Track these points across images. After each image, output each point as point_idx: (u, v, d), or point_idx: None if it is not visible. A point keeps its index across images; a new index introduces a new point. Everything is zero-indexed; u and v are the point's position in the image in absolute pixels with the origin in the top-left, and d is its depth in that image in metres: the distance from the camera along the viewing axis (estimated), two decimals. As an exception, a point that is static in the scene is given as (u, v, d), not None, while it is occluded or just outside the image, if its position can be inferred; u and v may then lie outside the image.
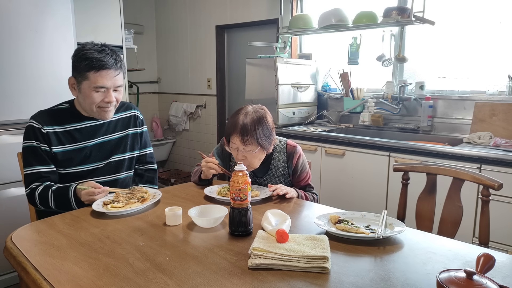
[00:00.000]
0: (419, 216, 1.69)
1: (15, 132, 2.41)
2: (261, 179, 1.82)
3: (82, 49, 1.62)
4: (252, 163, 1.67)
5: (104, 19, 3.17)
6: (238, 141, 1.61)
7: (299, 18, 3.26)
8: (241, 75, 3.86)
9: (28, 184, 1.62)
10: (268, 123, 1.65)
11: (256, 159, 1.67)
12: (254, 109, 1.66)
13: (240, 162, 1.32)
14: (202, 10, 4.32)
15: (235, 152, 1.66)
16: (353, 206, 2.59)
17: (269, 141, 1.66)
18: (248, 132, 1.58)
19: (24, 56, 2.42)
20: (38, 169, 1.62)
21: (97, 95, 1.61)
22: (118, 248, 1.18)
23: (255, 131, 1.59)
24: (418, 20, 2.69)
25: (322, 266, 1.03)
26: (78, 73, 1.61)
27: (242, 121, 1.60)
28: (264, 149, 1.66)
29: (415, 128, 2.88)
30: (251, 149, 1.62)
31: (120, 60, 1.66)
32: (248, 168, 1.66)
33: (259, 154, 1.66)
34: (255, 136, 1.59)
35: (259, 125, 1.61)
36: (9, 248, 1.21)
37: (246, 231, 1.28)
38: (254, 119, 1.61)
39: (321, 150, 2.80)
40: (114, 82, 1.63)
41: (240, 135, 1.59)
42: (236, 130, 1.60)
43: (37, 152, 1.62)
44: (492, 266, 0.91)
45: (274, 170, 1.80)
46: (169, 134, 5.01)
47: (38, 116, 1.66)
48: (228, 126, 1.67)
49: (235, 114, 1.66)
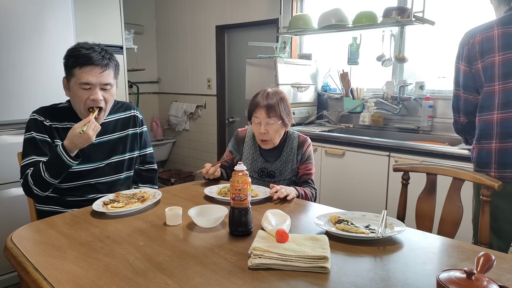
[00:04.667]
0: (419, 216, 1.69)
1: (15, 132, 2.41)
2: (272, 164, 1.88)
3: (72, 48, 1.62)
4: (273, 138, 1.80)
5: (104, 19, 3.17)
6: (263, 113, 1.76)
7: (299, 18, 3.26)
8: (241, 75, 3.86)
9: (23, 174, 1.58)
10: (287, 102, 1.85)
11: (277, 133, 1.81)
12: (274, 90, 1.85)
13: (262, 138, 1.68)
14: (202, 10, 4.33)
15: (258, 126, 1.79)
16: (353, 206, 2.59)
17: (289, 118, 1.83)
18: (272, 106, 1.77)
19: (24, 56, 2.42)
20: (34, 158, 1.59)
21: (83, 93, 1.58)
22: (118, 248, 1.18)
23: (278, 105, 1.78)
24: (418, 20, 2.69)
25: (322, 266, 1.03)
26: (67, 71, 1.60)
27: (266, 98, 1.79)
28: (284, 124, 1.81)
29: (415, 128, 2.88)
30: (273, 121, 1.77)
31: (109, 57, 1.62)
32: (269, 144, 1.83)
33: (279, 129, 1.81)
34: (278, 110, 1.77)
35: (281, 102, 1.80)
36: (9, 248, 1.21)
37: (246, 231, 1.28)
38: (277, 97, 1.81)
39: (321, 150, 2.80)
40: (100, 79, 1.58)
41: (265, 108, 1.76)
42: (260, 105, 1.78)
43: (36, 144, 1.60)
44: (492, 266, 0.91)
45: (286, 156, 1.87)
46: (169, 134, 5.01)
47: (40, 111, 1.66)
48: (251, 105, 1.83)
49: (257, 95, 1.84)
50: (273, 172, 1.86)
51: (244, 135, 1.96)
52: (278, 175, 1.86)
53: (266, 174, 1.86)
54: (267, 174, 1.86)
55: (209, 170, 1.82)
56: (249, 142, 1.92)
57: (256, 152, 1.90)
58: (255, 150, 1.90)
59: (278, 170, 1.86)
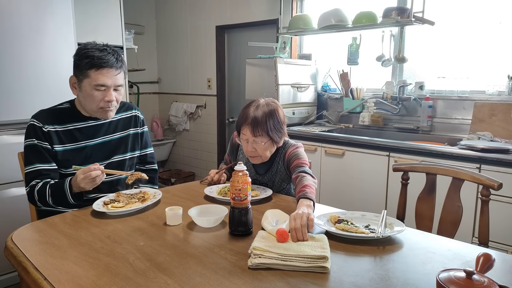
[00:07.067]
0: (418, 216, 1.69)
1: (16, 132, 2.41)
2: (263, 176, 1.81)
3: (84, 48, 1.62)
4: (262, 155, 1.68)
5: (104, 20, 3.17)
6: (249, 132, 1.62)
7: (299, 18, 3.27)
8: (241, 75, 3.87)
9: (28, 182, 1.61)
10: (279, 117, 1.67)
11: (266, 151, 1.68)
12: (266, 102, 1.68)
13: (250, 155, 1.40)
14: (202, 11, 4.33)
15: (245, 143, 1.67)
16: (353, 206, 2.59)
17: (280, 134, 1.67)
18: (258, 124, 1.60)
19: (25, 56, 2.42)
20: (38, 167, 1.61)
21: (97, 94, 1.61)
22: (119, 247, 1.18)
23: (266, 123, 1.61)
24: (417, 21, 2.69)
25: (322, 266, 1.03)
26: (79, 71, 1.61)
27: (253, 113, 1.62)
28: (274, 142, 1.67)
29: (414, 128, 2.88)
30: (261, 141, 1.63)
31: (121, 59, 1.66)
32: (259, 159, 1.70)
33: (269, 147, 1.67)
34: (266, 128, 1.61)
35: (270, 117, 1.63)
36: (9, 248, 1.21)
37: (246, 231, 1.28)
38: (266, 112, 1.63)
39: (321, 150, 2.80)
40: (114, 81, 1.63)
41: (251, 126, 1.61)
42: (246, 122, 1.62)
43: (37, 150, 1.62)
44: (491, 266, 0.91)
45: (275, 169, 1.79)
46: (169, 134, 5.01)
47: (39, 115, 1.66)
48: (239, 118, 1.68)
49: (247, 106, 1.68)
50: (265, 184, 1.80)
51: (238, 142, 1.80)
52: (271, 186, 1.78)
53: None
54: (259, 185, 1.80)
55: (213, 178, 1.83)
56: (243, 151, 1.81)
57: (248, 163, 1.79)
58: (247, 161, 1.79)
59: (271, 182, 1.80)
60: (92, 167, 1.49)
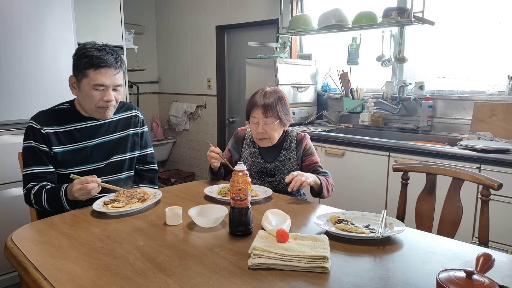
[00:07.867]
0: (418, 216, 1.69)
1: (16, 132, 2.41)
2: (271, 163, 1.87)
3: (83, 48, 1.62)
4: (271, 136, 1.79)
5: (104, 20, 3.17)
6: (260, 113, 1.75)
7: (299, 18, 3.27)
8: (241, 75, 3.87)
9: (25, 184, 1.62)
10: (285, 102, 1.83)
11: (275, 132, 1.79)
12: (273, 89, 1.83)
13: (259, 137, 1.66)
14: (202, 11, 4.33)
15: (255, 126, 1.78)
16: (353, 206, 2.59)
17: (287, 117, 1.82)
18: (269, 105, 1.75)
19: (25, 56, 2.42)
20: (35, 170, 1.61)
21: (96, 94, 1.61)
22: (119, 247, 1.18)
23: (276, 105, 1.76)
24: (417, 21, 2.69)
25: (322, 266, 1.03)
26: (78, 71, 1.61)
27: (263, 97, 1.77)
28: (282, 123, 1.80)
29: (414, 128, 2.88)
30: (271, 121, 1.75)
31: (120, 59, 1.66)
32: (267, 141, 1.81)
33: (278, 128, 1.79)
34: (276, 109, 1.76)
35: (279, 101, 1.78)
36: (9, 248, 1.21)
37: (246, 231, 1.28)
38: (275, 96, 1.79)
39: (321, 150, 2.80)
40: (113, 81, 1.62)
41: (262, 108, 1.75)
42: (257, 104, 1.76)
43: (35, 153, 1.62)
44: (491, 266, 0.91)
45: (285, 155, 1.86)
46: (169, 134, 5.01)
47: (37, 117, 1.66)
48: (249, 104, 1.82)
49: (255, 94, 1.82)
50: (272, 172, 1.86)
51: (244, 135, 1.96)
52: (278, 175, 1.85)
53: (266, 174, 1.86)
54: (266, 174, 1.86)
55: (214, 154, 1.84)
56: (249, 142, 1.92)
57: (255, 152, 1.89)
58: (254, 150, 1.90)
59: (278, 170, 1.86)
60: (89, 179, 1.49)
